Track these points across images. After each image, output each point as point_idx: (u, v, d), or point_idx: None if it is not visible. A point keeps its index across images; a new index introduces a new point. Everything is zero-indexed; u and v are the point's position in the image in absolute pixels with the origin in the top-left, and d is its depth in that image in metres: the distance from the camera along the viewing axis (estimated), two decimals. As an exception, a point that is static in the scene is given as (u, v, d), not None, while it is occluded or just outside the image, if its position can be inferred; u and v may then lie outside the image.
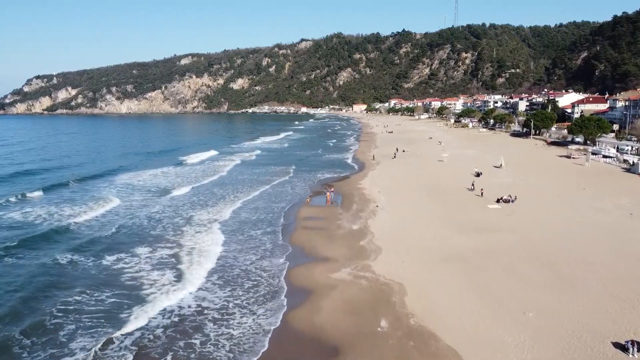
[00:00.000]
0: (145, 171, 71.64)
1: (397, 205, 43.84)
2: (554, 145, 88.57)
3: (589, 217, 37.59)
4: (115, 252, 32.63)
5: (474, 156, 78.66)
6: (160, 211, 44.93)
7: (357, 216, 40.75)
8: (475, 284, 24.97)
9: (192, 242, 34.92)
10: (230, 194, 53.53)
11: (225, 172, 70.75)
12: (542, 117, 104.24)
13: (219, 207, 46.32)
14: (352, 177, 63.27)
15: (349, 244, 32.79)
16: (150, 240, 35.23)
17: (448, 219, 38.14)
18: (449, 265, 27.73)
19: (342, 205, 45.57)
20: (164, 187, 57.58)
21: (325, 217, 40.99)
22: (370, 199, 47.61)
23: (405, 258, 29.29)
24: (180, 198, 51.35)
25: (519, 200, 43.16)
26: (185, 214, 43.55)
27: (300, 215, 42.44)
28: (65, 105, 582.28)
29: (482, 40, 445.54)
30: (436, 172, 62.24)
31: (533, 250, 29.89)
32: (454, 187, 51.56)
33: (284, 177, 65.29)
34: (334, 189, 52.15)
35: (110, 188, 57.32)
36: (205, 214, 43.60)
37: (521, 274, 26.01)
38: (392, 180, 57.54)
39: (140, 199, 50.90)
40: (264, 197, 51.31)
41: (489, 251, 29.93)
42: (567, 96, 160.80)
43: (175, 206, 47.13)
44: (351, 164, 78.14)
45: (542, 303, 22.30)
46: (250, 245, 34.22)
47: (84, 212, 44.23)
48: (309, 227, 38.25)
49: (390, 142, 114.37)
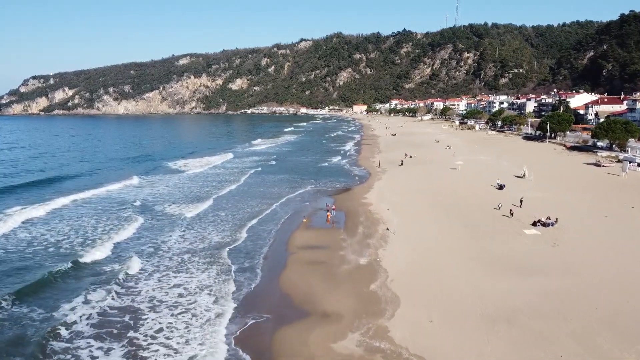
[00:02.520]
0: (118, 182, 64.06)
1: (411, 229, 36.28)
2: (574, 150, 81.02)
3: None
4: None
5: (489, 163, 71.19)
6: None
7: (365, 244, 33.21)
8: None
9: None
10: (221, 211, 45.95)
11: (211, 183, 63.15)
12: (558, 119, 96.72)
13: (197, 232, 38.75)
14: (355, 188, 55.69)
15: (356, 289, 25.25)
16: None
17: (479, 251, 30.58)
18: (498, 330, 20.16)
19: (346, 227, 38.04)
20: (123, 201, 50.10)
21: (325, 245, 33.42)
22: (379, 218, 40.07)
23: (434, 315, 21.75)
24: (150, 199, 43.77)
25: (560, 222, 35.61)
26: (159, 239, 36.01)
27: (293, 242, 34.80)
28: (62, 106, 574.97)
29: (484, 39, 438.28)
30: (451, 184, 54.63)
31: (602, 302, 22.34)
32: (476, 203, 44.01)
33: (278, 188, 57.72)
34: (335, 206, 44.52)
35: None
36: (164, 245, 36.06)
37: (601, 347, 18.49)
38: (402, 194, 49.96)
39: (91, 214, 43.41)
40: (250, 213, 43.68)
41: (546, 305, 22.33)
42: (579, 96, 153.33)
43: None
44: (354, 172, 70.54)
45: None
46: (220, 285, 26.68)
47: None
48: (304, 260, 30.64)
49: (395, 145, 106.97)
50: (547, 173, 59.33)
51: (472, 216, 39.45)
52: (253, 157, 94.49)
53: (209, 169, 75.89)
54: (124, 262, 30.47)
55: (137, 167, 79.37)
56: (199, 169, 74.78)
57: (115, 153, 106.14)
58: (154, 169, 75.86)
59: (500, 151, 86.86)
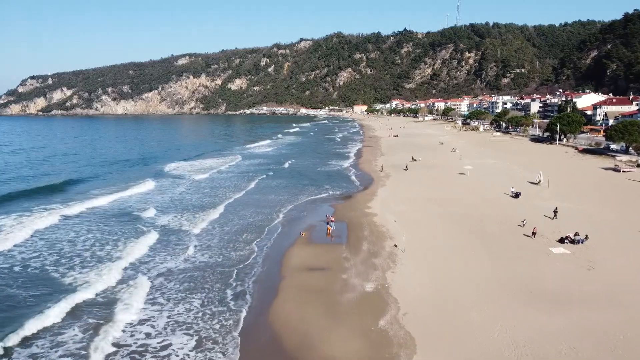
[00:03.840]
0: (105, 190, 60.00)
1: (422, 246, 32.21)
2: (587, 153, 76.90)
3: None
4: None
5: (498, 168, 67.12)
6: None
7: (370, 264, 29.17)
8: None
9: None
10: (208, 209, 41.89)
11: (207, 187, 59.08)
12: (568, 120, 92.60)
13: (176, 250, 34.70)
14: (358, 196, 51.61)
15: (363, 326, 21.19)
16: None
17: (502, 275, 26.51)
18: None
19: (348, 243, 34.00)
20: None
21: (325, 266, 29.37)
22: (385, 232, 36.02)
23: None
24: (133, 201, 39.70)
25: (590, 239, 31.54)
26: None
27: (288, 261, 30.74)
28: (60, 106, 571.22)
29: (485, 39, 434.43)
30: (461, 192, 50.55)
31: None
32: (492, 215, 39.92)
33: (276, 195, 53.65)
34: (334, 217, 40.43)
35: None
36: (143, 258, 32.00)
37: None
38: (408, 203, 45.86)
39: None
40: (242, 226, 39.64)
41: (593, 348, 18.30)
42: (586, 97, 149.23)
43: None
44: (356, 177, 66.47)
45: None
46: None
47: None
48: (300, 286, 26.55)
49: (397, 148, 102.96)
50: (563, 179, 55.22)
51: (488, 230, 35.39)
52: (250, 160, 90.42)
53: (205, 175, 71.18)
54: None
55: (134, 172, 75.25)
56: (195, 176, 69.24)
57: (104, 158, 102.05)
58: (155, 175, 70.71)
59: (508, 154, 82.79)
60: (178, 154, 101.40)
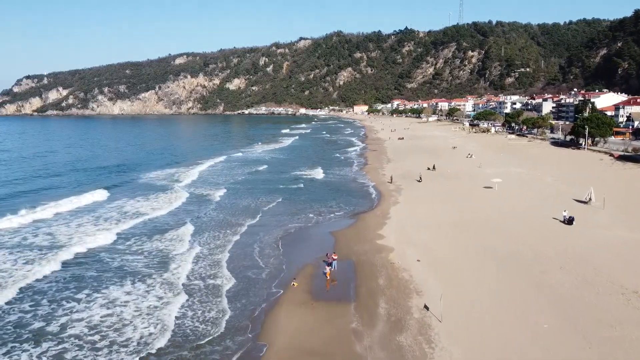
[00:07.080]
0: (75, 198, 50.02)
1: (465, 307, 22.21)
2: (627, 161, 67.01)
3: None
4: None
5: (528, 179, 57.18)
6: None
7: (394, 347, 19.24)
8: None
9: None
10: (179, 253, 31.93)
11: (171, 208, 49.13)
12: (597, 122, 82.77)
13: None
14: (365, 217, 41.63)
15: None
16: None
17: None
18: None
19: (357, 299, 24.16)
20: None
21: (324, 351, 19.41)
22: (408, 280, 26.11)
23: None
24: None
25: None
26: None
27: (271, 338, 20.72)
28: (56, 106, 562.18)
29: (489, 38, 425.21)
30: (495, 214, 40.43)
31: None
32: (549, 254, 29.84)
33: (262, 215, 43.72)
34: (337, 254, 30.32)
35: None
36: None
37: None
38: (431, 230, 35.88)
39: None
40: (212, 261, 29.69)
41: None
42: (605, 96, 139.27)
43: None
44: (361, 190, 56.46)
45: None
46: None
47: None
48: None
49: (405, 152, 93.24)
50: (617, 196, 45.19)
51: (553, 280, 25.39)
52: (243, 167, 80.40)
53: (191, 181, 61.62)
54: None
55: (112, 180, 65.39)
56: (185, 181, 60.27)
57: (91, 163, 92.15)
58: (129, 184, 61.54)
59: (533, 161, 72.92)
60: (172, 159, 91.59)
